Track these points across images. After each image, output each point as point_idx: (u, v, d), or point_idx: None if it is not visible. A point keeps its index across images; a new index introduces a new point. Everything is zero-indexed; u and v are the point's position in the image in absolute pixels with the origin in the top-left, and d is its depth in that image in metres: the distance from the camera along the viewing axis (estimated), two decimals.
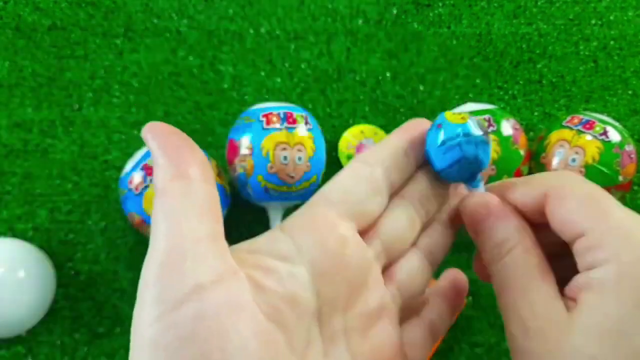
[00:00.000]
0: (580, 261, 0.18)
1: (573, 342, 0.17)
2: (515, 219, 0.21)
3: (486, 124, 0.21)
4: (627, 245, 0.17)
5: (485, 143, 0.22)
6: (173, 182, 0.17)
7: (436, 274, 0.26)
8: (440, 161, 0.22)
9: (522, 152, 0.46)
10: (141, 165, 0.45)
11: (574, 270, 0.19)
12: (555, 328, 0.18)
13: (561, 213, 0.19)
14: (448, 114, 0.22)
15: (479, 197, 0.22)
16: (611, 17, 0.59)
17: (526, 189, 0.21)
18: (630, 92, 0.57)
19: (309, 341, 0.18)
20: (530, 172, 0.49)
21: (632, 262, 0.17)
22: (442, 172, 0.22)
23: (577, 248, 0.19)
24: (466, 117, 0.22)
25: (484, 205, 0.21)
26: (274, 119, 0.46)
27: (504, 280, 0.20)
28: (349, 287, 0.20)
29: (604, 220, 0.18)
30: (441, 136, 0.22)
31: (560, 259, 0.21)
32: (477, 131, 0.21)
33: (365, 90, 0.56)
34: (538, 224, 0.21)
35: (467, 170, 0.22)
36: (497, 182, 0.23)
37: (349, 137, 0.53)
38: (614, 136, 0.46)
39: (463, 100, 0.56)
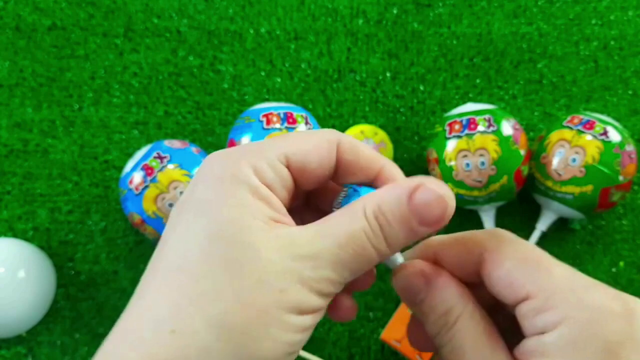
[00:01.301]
0: (529, 324, 0.18)
1: None
2: (455, 285, 0.20)
3: None
4: (576, 305, 0.17)
5: None
6: None
7: None
8: None
9: (522, 152, 0.46)
10: (141, 165, 0.45)
11: (509, 322, 0.20)
12: None
13: (500, 277, 0.19)
14: None
15: (412, 267, 0.21)
16: (611, 17, 0.59)
17: (460, 252, 0.20)
18: (630, 92, 0.57)
19: None
20: (530, 172, 0.49)
21: (584, 322, 0.17)
22: None
23: (523, 311, 0.18)
24: None
25: (420, 275, 0.20)
26: (274, 119, 0.46)
27: (456, 352, 0.19)
28: None
29: (547, 282, 0.18)
30: None
31: (494, 313, 0.20)
32: None
33: (366, 90, 0.56)
34: (469, 283, 0.21)
35: None
36: (423, 244, 0.22)
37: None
38: (614, 136, 0.46)
39: (463, 100, 0.56)
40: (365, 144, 0.21)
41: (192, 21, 0.58)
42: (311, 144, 0.20)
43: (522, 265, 0.18)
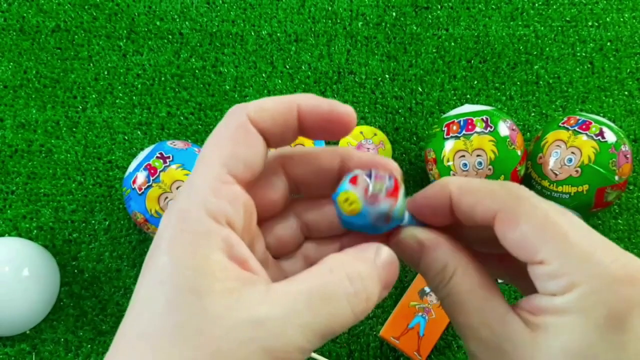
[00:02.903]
0: (540, 285, 0.19)
1: None
2: (447, 244, 0.21)
3: (383, 184, 0.20)
4: (587, 273, 0.17)
5: (385, 209, 0.20)
6: None
7: None
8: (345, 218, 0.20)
9: (519, 153, 0.47)
10: (144, 165, 0.45)
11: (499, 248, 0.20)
12: (519, 347, 0.18)
13: (516, 237, 0.19)
14: (340, 202, 0.20)
15: (407, 233, 0.21)
16: (607, 19, 0.60)
17: (476, 203, 0.20)
18: (626, 93, 0.57)
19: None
20: (527, 172, 0.50)
21: (593, 290, 0.17)
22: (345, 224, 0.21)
23: (536, 273, 0.19)
24: (357, 206, 0.20)
25: (414, 240, 0.21)
26: None
27: (455, 304, 0.20)
28: None
29: (563, 249, 0.18)
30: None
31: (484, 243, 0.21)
32: (374, 210, 0.20)
33: (365, 92, 0.57)
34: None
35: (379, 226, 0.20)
36: (439, 184, 0.21)
37: (349, 138, 0.54)
38: (610, 137, 0.46)
39: (461, 101, 0.57)
40: (275, 98, 0.20)
41: (194, 23, 0.59)
42: (236, 140, 0.19)
43: (538, 229, 0.18)
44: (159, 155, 0.46)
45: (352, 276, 0.18)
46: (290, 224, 0.23)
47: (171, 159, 0.45)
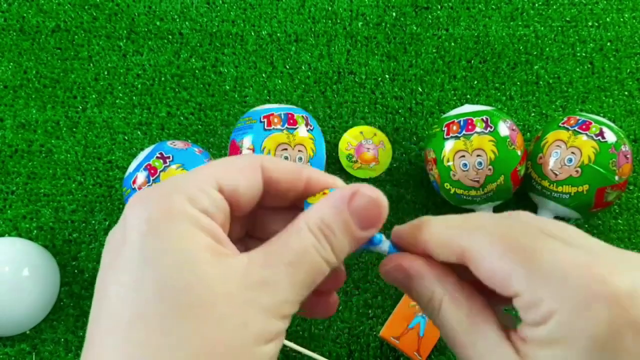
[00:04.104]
0: (523, 317, 0.18)
1: None
2: (433, 273, 0.21)
3: None
4: (564, 296, 0.17)
5: None
6: None
7: None
8: None
9: (519, 153, 0.47)
10: (144, 165, 0.45)
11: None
12: None
13: (486, 275, 0.19)
14: (310, 199, 0.21)
15: (393, 261, 0.21)
16: (607, 19, 0.60)
17: (442, 248, 0.20)
18: (626, 93, 0.57)
19: None
20: (527, 172, 0.50)
21: (574, 315, 0.17)
22: None
23: (516, 305, 0.18)
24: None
25: (398, 270, 0.21)
26: (275, 120, 0.47)
27: (448, 334, 0.20)
28: None
29: (532, 275, 0.18)
30: None
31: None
32: None
33: (365, 92, 0.57)
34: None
35: None
36: (405, 229, 0.22)
37: (349, 138, 0.54)
38: (610, 137, 0.46)
39: (461, 101, 0.57)
40: (290, 163, 0.22)
41: (194, 24, 0.59)
42: (237, 167, 0.20)
43: (505, 260, 0.18)
44: (159, 156, 0.46)
45: (315, 230, 0.19)
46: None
47: (171, 159, 0.45)
